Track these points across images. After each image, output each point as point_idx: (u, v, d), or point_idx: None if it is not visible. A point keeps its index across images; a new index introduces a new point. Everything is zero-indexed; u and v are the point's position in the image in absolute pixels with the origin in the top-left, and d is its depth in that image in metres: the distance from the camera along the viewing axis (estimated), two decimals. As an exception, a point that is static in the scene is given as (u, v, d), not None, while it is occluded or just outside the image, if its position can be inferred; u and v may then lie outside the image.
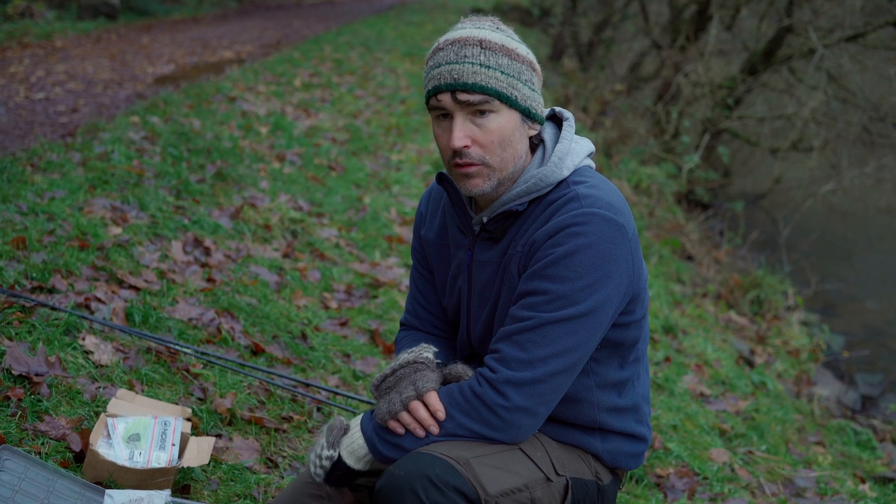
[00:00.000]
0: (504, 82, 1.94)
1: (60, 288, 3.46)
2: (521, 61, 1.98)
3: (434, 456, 1.87)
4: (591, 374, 2.07)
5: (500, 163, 1.99)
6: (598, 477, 2.12)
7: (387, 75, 11.64)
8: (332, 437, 2.01)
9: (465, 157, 1.97)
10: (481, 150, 1.97)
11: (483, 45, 1.94)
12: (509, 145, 1.98)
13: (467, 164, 1.98)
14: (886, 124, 10.47)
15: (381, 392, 2.00)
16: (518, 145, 2.00)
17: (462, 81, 1.93)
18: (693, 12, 12.30)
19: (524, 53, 2.00)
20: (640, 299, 2.05)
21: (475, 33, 1.96)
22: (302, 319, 4.09)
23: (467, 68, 1.93)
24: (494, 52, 1.94)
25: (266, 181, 5.99)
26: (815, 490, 3.90)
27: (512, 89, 1.96)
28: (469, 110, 1.95)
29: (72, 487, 2.35)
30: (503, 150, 1.98)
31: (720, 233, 9.71)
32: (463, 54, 1.94)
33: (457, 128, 1.96)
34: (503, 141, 1.97)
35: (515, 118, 1.98)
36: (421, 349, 2.04)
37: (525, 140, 2.03)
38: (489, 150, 1.97)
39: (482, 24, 2.01)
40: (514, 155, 2.00)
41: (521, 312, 1.95)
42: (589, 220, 1.92)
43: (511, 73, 1.96)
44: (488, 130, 1.96)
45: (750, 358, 5.94)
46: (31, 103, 7.60)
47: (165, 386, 3.13)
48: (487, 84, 1.93)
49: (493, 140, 1.96)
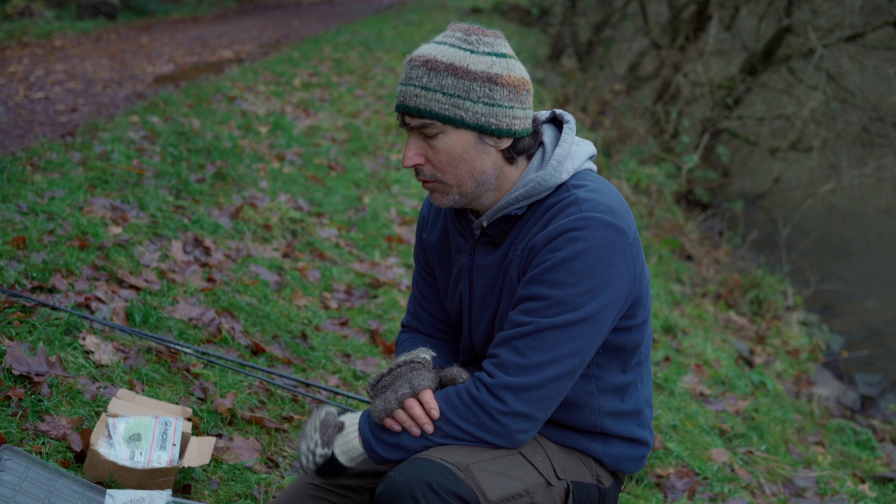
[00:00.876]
0: (446, 104, 1.91)
1: (61, 288, 3.46)
2: (472, 78, 1.91)
3: (434, 462, 1.86)
4: (592, 379, 2.06)
5: (455, 179, 1.98)
6: (599, 480, 2.11)
7: (386, 75, 11.64)
8: (326, 436, 1.99)
9: (421, 175, 2.00)
10: (433, 168, 1.98)
11: (428, 65, 1.92)
12: (462, 163, 1.96)
13: (424, 181, 2.01)
14: (886, 124, 10.48)
15: (377, 391, 2.00)
16: (476, 162, 1.97)
17: (405, 105, 1.94)
18: (692, 12, 12.30)
19: (480, 69, 1.92)
20: (641, 303, 2.04)
21: (428, 52, 1.94)
22: (302, 319, 4.09)
23: (410, 91, 1.93)
24: (438, 73, 1.91)
25: (266, 181, 5.99)
26: (815, 490, 3.91)
27: (456, 109, 1.92)
28: (418, 130, 1.96)
29: (73, 487, 2.35)
30: (455, 168, 1.97)
31: (720, 233, 9.71)
32: (409, 77, 1.94)
33: (408, 147, 1.98)
34: (452, 160, 1.96)
35: (466, 137, 1.95)
36: (419, 351, 2.04)
37: (488, 155, 1.98)
38: (440, 169, 1.98)
39: (450, 36, 1.96)
40: (472, 171, 1.98)
41: (519, 318, 1.94)
42: (588, 225, 1.90)
43: (455, 94, 1.91)
44: (437, 150, 1.96)
45: (749, 358, 5.94)
46: (31, 103, 7.59)
47: (166, 386, 3.13)
48: (426, 108, 1.92)
49: (441, 160, 1.96)
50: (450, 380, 2.01)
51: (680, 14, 12.73)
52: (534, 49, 17.24)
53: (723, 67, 11.98)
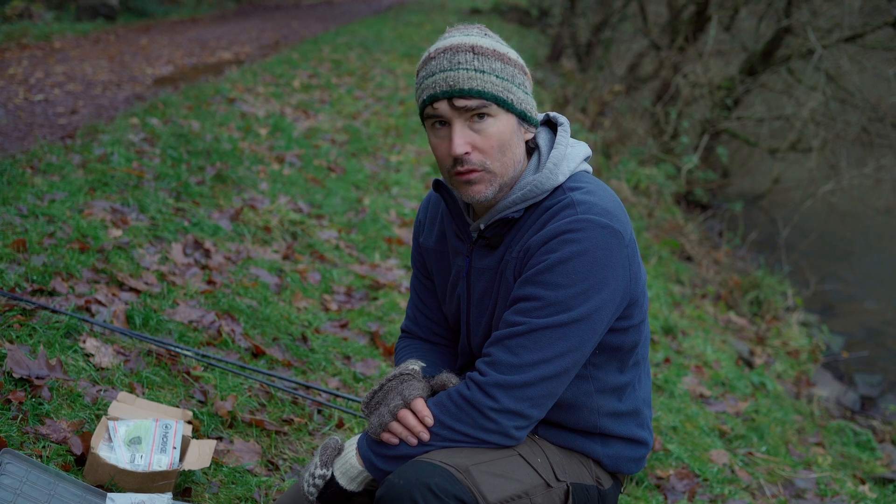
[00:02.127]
0: (500, 86, 1.94)
1: (61, 290, 3.46)
2: (514, 65, 1.98)
3: (433, 464, 1.87)
4: (590, 380, 2.06)
5: (501, 168, 1.98)
6: (598, 482, 2.12)
7: (385, 76, 11.64)
8: (325, 457, 2.01)
9: (467, 164, 1.96)
10: (482, 155, 1.96)
11: (475, 50, 1.94)
12: (508, 149, 1.98)
13: (469, 171, 1.96)
14: (885, 125, 10.48)
15: (371, 408, 2.02)
16: (516, 149, 2.00)
17: (458, 87, 1.92)
18: (692, 13, 12.30)
19: (515, 58, 2.00)
20: (638, 304, 2.05)
21: (466, 40, 1.96)
22: (302, 321, 4.10)
23: (462, 74, 1.92)
24: (487, 57, 1.94)
25: (266, 183, 5.99)
26: (815, 491, 3.91)
27: (508, 93, 1.95)
28: (467, 116, 1.94)
29: (73, 491, 2.35)
30: (503, 154, 1.97)
31: (719, 233, 9.71)
32: (456, 61, 1.93)
33: (456, 135, 1.95)
34: (503, 145, 1.97)
35: (513, 122, 1.98)
36: (407, 363, 2.06)
37: (522, 144, 2.03)
38: (489, 156, 1.96)
39: (470, 31, 2.01)
40: (514, 159, 2.00)
41: (513, 318, 1.95)
42: (584, 227, 1.91)
43: (505, 77, 1.95)
44: (488, 135, 1.95)
45: (749, 359, 5.94)
46: (31, 105, 7.60)
47: (166, 389, 3.13)
48: (484, 88, 1.93)
49: (492, 145, 1.96)
50: (440, 386, 2.02)
51: (679, 15, 12.74)
52: (533, 50, 17.25)
53: (722, 68, 11.98)
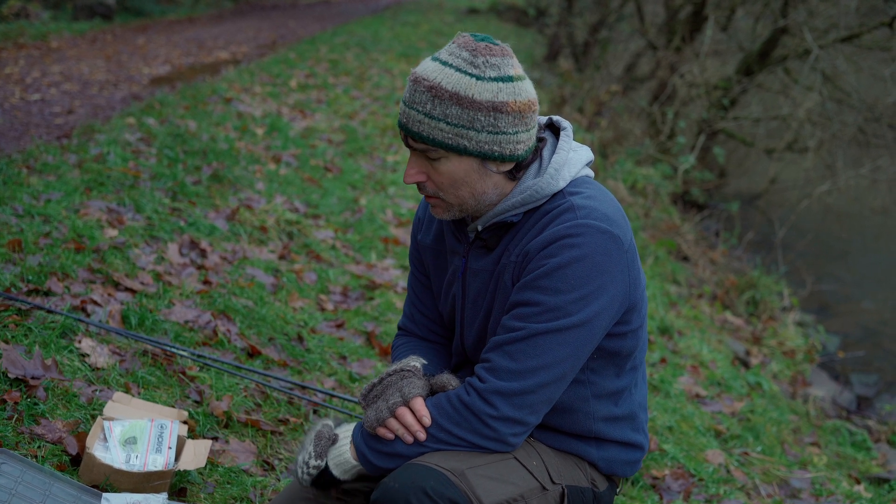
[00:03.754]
0: (449, 133, 1.90)
1: (56, 290, 3.46)
2: (477, 108, 1.89)
3: (429, 467, 1.87)
4: (587, 385, 2.06)
5: (456, 199, 2.00)
6: (594, 484, 2.12)
7: (382, 76, 11.64)
8: (319, 448, 2.01)
9: (423, 190, 2.02)
10: (435, 186, 1.99)
11: (433, 91, 1.89)
12: (464, 185, 1.97)
13: (427, 196, 2.03)
14: (881, 125, 10.48)
15: (368, 401, 2.01)
16: (477, 185, 1.98)
17: (408, 128, 1.93)
18: (688, 13, 12.30)
19: (486, 98, 1.89)
20: (636, 309, 2.04)
21: (433, 75, 1.90)
22: (298, 321, 4.10)
23: (413, 116, 1.92)
24: (442, 101, 1.89)
25: (262, 183, 5.99)
26: (811, 491, 3.92)
27: (458, 139, 1.91)
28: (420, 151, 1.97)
29: (68, 491, 2.35)
30: (456, 189, 1.98)
31: (716, 233, 9.71)
32: (413, 100, 1.92)
33: (410, 165, 2.00)
34: (454, 182, 1.97)
35: (469, 163, 1.95)
36: (409, 359, 2.05)
37: (489, 178, 1.98)
38: (441, 189, 1.99)
39: (456, 57, 1.92)
40: (473, 192, 1.98)
41: (512, 323, 1.95)
42: (583, 232, 1.91)
43: (458, 123, 1.90)
44: (439, 172, 1.97)
45: (745, 359, 5.95)
46: (27, 105, 7.59)
47: (162, 389, 3.13)
48: (430, 135, 1.91)
49: (443, 181, 1.98)
50: (440, 387, 2.02)
51: (676, 15, 12.74)
52: (530, 49, 17.25)
53: (719, 68, 11.98)
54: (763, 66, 11.05)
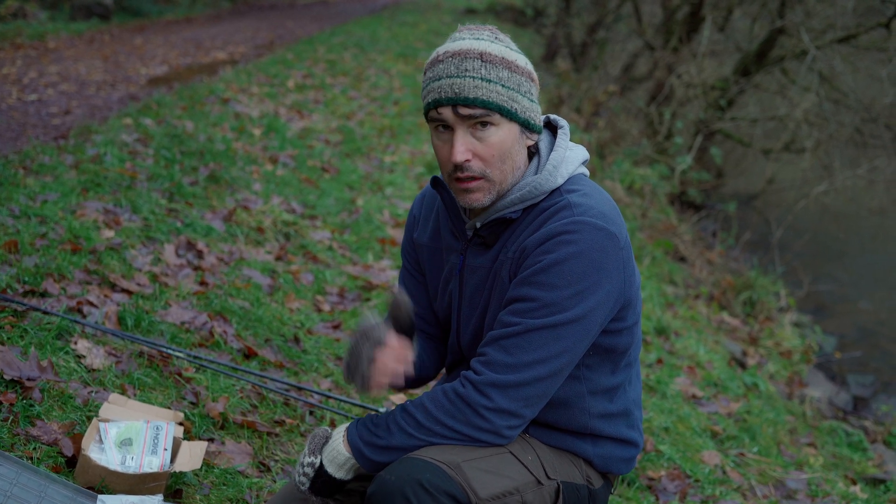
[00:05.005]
0: (505, 96, 1.94)
1: (52, 292, 3.46)
2: (521, 73, 1.98)
3: (425, 461, 1.88)
4: (582, 381, 2.08)
5: (500, 175, 2.00)
6: (589, 481, 2.13)
7: (380, 76, 11.64)
8: (313, 445, 2.04)
9: (467, 171, 1.98)
10: (482, 163, 1.97)
11: (484, 57, 1.94)
12: (509, 158, 1.99)
13: (469, 179, 1.98)
14: (878, 125, 10.49)
15: (351, 373, 2.06)
16: (517, 157, 2.01)
17: (464, 96, 1.92)
18: (686, 13, 12.30)
19: (523, 64, 1.99)
20: (632, 306, 2.06)
21: (475, 45, 1.95)
22: (294, 322, 4.10)
23: (468, 82, 1.92)
24: (495, 66, 1.94)
25: (259, 183, 5.99)
26: (807, 492, 3.92)
27: (512, 102, 1.95)
28: (470, 123, 1.95)
29: (64, 493, 2.35)
30: (503, 162, 1.98)
31: (713, 234, 9.72)
32: (464, 67, 1.93)
33: (458, 142, 1.96)
34: (503, 154, 1.98)
35: (515, 131, 1.99)
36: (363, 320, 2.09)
37: (523, 151, 2.04)
38: (490, 164, 1.98)
39: (481, 34, 2.00)
40: (513, 167, 2.01)
41: (508, 318, 1.96)
42: (580, 229, 1.92)
43: (511, 86, 1.95)
44: (489, 144, 1.96)
45: (742, 359, 5.95)
46: (24, 105, 7.58)
47: (158, 390, 3.13)
48: (489, 98, 1.93)
49: (493, 154, 1.97)
50: (399, 307, 2.07)
51: (673, 15, 12.74)
52: (528, 50, 17.25)
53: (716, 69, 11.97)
54: (760, 66, 11.06)
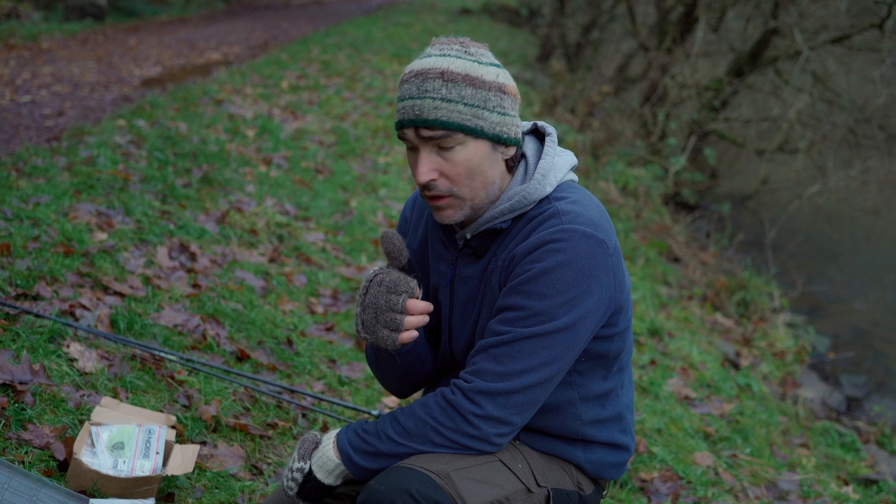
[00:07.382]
0: (467, 114, 1.92)
1: (45, 295, 3.46)
2: (488, 88, 1.93)
3: (414, 470, 1.88)
4: (574, 387, 2.07)
5: (470, 192, 1.98)
6: (580, 487, 2.13)
7: (375, 77, 11.64)
8: (303, 450, 2.02)
9: (434, 190, 1.97)
10: (449, 182, 1.96)
11: (445, 76, 1.91)
12: (478, 174, 1.97)
13: (437, 197, 1.98)
14: (871, 126, 10.52)
15: (367, 329, 1.99)
16: (489, 172, 1.99)
17: (423, 118, 1.91)
18: (680, 14, 12.32)
19: (491, 78, 1.95)
20: (623, 311, 2.06)
21: (438, 64, 1.93)
22: (287, 325, 4.10)
23: (428, 103, 1.90)
24: (456, 84, 1.91)
25: (252, 185, 5.98)
26: (799, 493, 3.93)
27: (476, 120, 1.92)
28: (433, 143, 1.94)
29: (55, 497, 2.35)
30: (471, 180, 1.97)
31: (707, 234, 9.73)
32: (424, 88, 1.91)
33: (421, 162, 1.95)
34: (471, 172, 1.96)
35: (483, 147, 1.96)
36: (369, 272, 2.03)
37: (498, 165, 2.01)
38: (457, 182, 1.96)
39: (449, 49, 1.97)
40: (485, 182, 1.99)
41: (498, 327, 1.96)
42: (569, 237, 1.92)
43: (474, 104, 1.92)
44: (455, 163, 1.95)
45: (735, 360, 5.96)
46: (17, 106, 7.57)
47: (150, 393, 3.13)
48: (449, 119, 1.91)
49: (459, 172, 1.95)
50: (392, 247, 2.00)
51: (667, 16, 12.76)
52: (523, 50, 17.27)
53: (710, 69, 12.01)
54: (754, 67, 11.08)
